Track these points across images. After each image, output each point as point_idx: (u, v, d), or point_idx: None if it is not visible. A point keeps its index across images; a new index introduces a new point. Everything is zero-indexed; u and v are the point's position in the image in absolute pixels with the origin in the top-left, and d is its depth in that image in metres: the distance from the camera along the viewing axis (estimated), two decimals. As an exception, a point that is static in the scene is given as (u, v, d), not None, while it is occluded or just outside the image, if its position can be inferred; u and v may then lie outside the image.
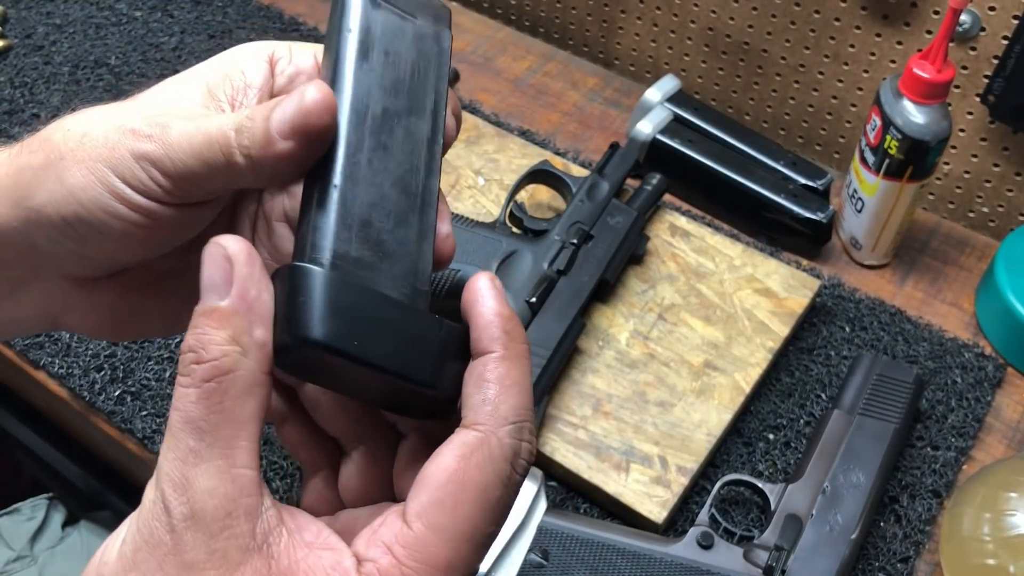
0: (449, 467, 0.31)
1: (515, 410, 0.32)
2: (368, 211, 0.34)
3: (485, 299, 0.34)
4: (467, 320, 0.34)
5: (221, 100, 0.36)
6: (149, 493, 0.31)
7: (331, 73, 0.35)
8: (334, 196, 0.33)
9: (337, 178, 0.33)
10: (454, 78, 0.89)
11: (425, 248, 0.35)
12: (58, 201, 0.35)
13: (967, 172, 0.83)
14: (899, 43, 0.81)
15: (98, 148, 0.34)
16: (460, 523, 0.31)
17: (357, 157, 0.34)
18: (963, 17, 0.75)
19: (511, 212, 0.76)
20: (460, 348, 0.34)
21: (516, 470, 0.32)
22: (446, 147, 0.38)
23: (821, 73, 0.87)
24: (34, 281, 0.38)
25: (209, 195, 0.36)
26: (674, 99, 0.87)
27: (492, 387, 0.32)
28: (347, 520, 0.35)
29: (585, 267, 0.72)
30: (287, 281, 0.32)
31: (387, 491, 0.36)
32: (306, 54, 0.38)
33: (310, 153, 0.33)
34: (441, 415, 0.35)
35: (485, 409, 0.32)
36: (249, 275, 0.31)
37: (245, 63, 0.37)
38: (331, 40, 0.35)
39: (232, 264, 0.31)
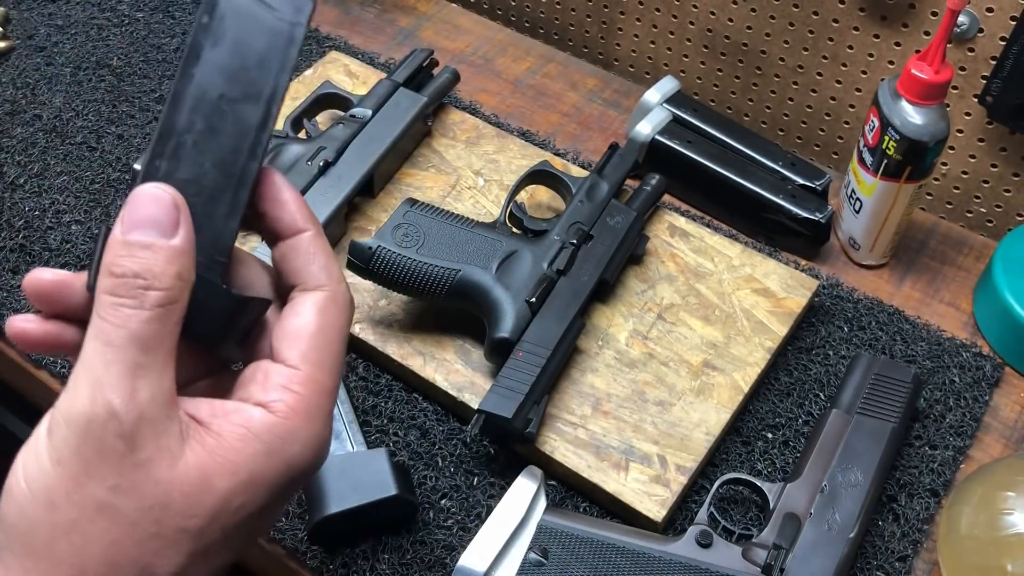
0: (314, 321, 0.40)
1: (341, 270, 0.42)
2: (184, 187, 0.38)
3: (286, 189, 0.41)
4: (271, 209, 0.41)
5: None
6: (85, 406, 0.34)
7: (185, 57, 0.39)
8: (157, 171, 0.38)
9: (161, 157, 0.38)
10: (453, 79, 0.90)
11: (231, 224, 0.40)
12: None
13: (965, 172, 0.84)
14: (897, 44, 0.81)
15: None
16: (334, 358, 0.40)
17: (184, 138, 0.39)
18: (961, 18, 0.75)
19: (511, 212, 0.76)
20: (245, 313, 0.40)
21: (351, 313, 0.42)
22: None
23: (820, 74, 0.87)
24: None
25: None
26: (673, 100, 0.87)
27: (320, 256, 0.41)
28: (220, 392, 0.41)
29: (585, 267, 0.72)
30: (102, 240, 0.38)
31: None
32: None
33: None
34: (230, 360, 0.43)
35: (323, 274, 0.41)
36: (189, 222, 0.37)
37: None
38: (193, 27, 0.39)
39: (180, 213, 0.37)
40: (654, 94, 0.87)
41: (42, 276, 0.39)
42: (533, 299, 0.69)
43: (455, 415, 0.71)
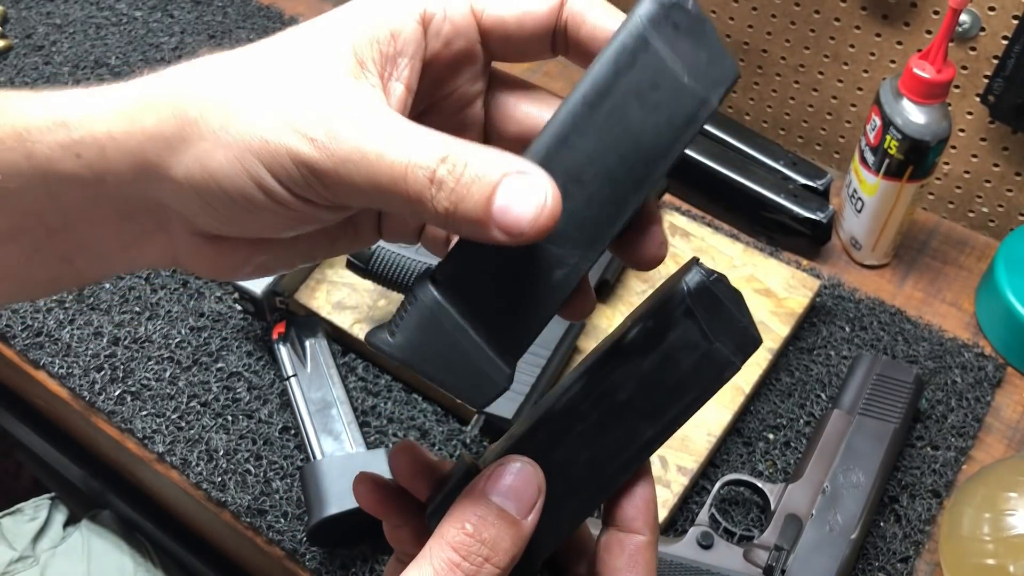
0: None
1: None
2: (551, 469, 0.36)
3: (645, 486, 0.39)
4: (620, 497, 0.38)
5: (371, 71, 0.33)
6: None
7: (607, 354, 0.36)
8: (534, 441, 0.37)
9: (547, 430, 0.37)
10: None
11: (572, 523, 0.38)
12: (196, 181, 0.32)
13: (967, 172, 0.83)
14: (899, 43, 0.81)
15: (249, 137, 0.31)
16: None
17: (575, 425, 0.36)
18: (963, 17, 0.75)
19: (511, 212, 0.76)
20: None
21: None
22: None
23: (821, 73, 0.87)
24: (158, 232, 0.36)
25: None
26: (674, 99, 0.87)
27: (642, 570, 0.38)
28: None
29: (585, 267, 0.72)
30: None
31: None
32: (461, 11, 0.35)
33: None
34: None
35: None
36: (541, 509, 0.36)
37: (394, 23, 0.33)
38: (627, 328, 0.36)
39: (539, 498, 0.36)
40: (655, 93, 0.87)
41: (405, 453, 0.40)
42: (533, 299, 0.69)
43: (455, 415, 0.70)
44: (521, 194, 0.30)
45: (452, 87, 0.37)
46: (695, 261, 0.36)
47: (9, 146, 0.34)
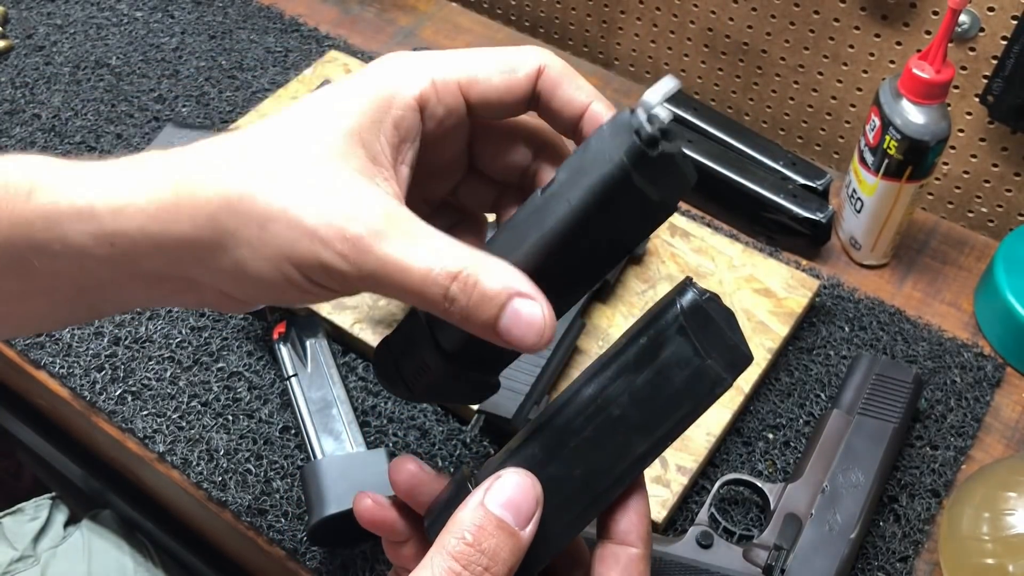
0: None
1: None
2: (547, 483, 0.37)
3: (639, 501, 0.39)
4: (616, 508, 0.39)
5: (383, 165, 0.37)
6: None
7: (604, 361, 0.38)
8: (533, 458, 0.38)
9: (543, 446, 0.38)
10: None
11: (566, 537, 0.39)
12: (231, 275, 0.36)
13: (966, 172, 0.83)
14: (898, 43, 0.81)
15: (283, 249, 0.35)
16: None
17: (569, 439, 0.38)
18: (962, 17, 0.75)
19: (511, 212, 0.76)
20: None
21: None
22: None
23: (820, 73, 0.87)
24: (191, 292, 0.39)
25: None
26: (673, 99, 0.87)
27: None
28: None
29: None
30: None
31: None
32: (452, 89, 0.38)
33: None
34: None
35: None
36: (538, 521, 0.37)
37: (397, 114, 0.37)
38: (629, 343, 0.37)
39: (537, 510, 0.37)
40: (654, 94, 0.87)
41: (405, 467, 0.41)
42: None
43: (455, 415, 0.71)
44: (523, 318, 0.35)
45: (441, 150, 0.41)
46: (689, 281, 0.37)
47: (40, 227, 0.36)
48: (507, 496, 0.36)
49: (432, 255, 0.34)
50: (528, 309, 0.35)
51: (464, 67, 0.39)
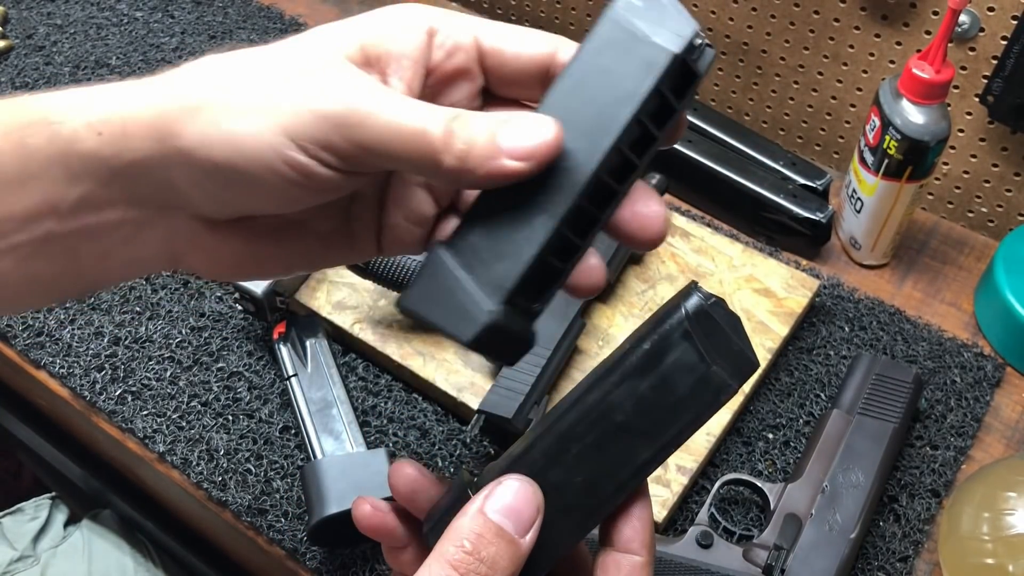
0: None
1: None
2: (548, 490, 0.37)
3: (641, 508, 0.38)
4: (618, 517, 0.38)
5: (375, 69, 0.36)
6: None
7: (608, 368, 0.36)
8: (535, 463, 0.37)
9: (544, 451, 0.37)
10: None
11: (567, 544, 0.38)
12: (212, 145, 0.35)
13: (966, 172, 0.83)
14: (898, 43, 0.81)
15: (270, 102, 0.35)
16: None
17: (570, 445, 0.37)
18: (962, 18, 0.75)
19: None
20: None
21: None
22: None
23: (820, 73, 0.87)
24: (161, 220, 0.38)
25: (382, 171, 0.38)
26: (674, 99, 0.87)
27: None
28: None
29: (585, 267, 0.72)
30: None
31: None
32: (465, 32, 0.38)
33: (535, 172, 0.35)
34: None
35: None
36: (539, 528, 0.36)
37: (402, 27, 0.37)
38: (632, 349, 0.36)
39: (537, 517, 0.36)
40: (654, 94, 0.87)
41: (404, 471, 0.41)
42: (533, 299, 0.69)
43: (455, 415, 0.71)
44: (525, 124, 0.34)
45: (450, 101, 0.39)
46: (694, 285, 0.37)
47: (35, 130, 0.36)
48: (507, 503, 0.36)
49: (427, 106, 0.34)
50: (527, 118, 0.34)
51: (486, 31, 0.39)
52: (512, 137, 0.34)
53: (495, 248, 0.36)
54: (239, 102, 0.35)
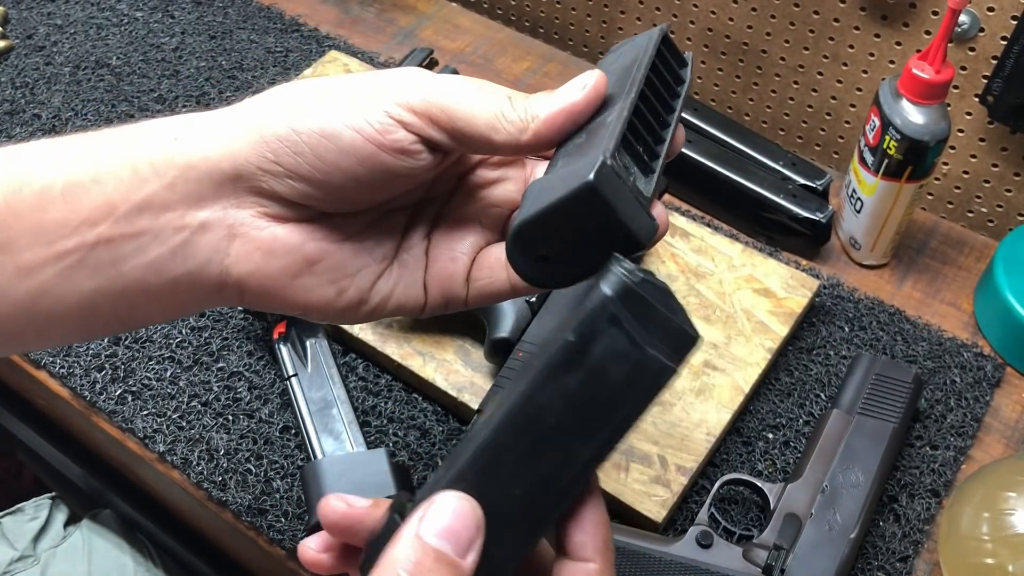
0: None
1: None
2: (486, 505, 0.34)
3: (594, 511, 0.36)
4: (568, 522, 0.36)
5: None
6: None
7: (536, 371, 0.33)
8: (464, 478, 0.34)
9: (475, 466, 0.34)
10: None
11: (512, 560, 0.35)
12: (317, 117, 0.39)
13: (966, 172, 0.83)
14: (898, 43, 0.81)
15: (359, 93, 0.39)
16: None
17: (504, 456, 0.34)
18: (962, 18, 0.75)
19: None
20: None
21: None
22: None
23: (820, 73, 0.87)
24: (217, 223, 0.39)
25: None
26: (674, 99, 0.87)
27: None
28: None
29: (585, 267, 0.72)
30: None
31: None
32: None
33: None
34: None
35: None
36: (480, 547, 0.34)
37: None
38: (554, 342, 0.33)
39: (478, 535, 0.34)
40: (654, 94, 0.87)
41: (333, 508, 0.38)
42: (533, 299, 0.69)
43: (455, 415, 0.71)
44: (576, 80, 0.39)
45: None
46: (614, 259, 0.32)
47: (112, 138, 0.40)
48: (444, 524, 0.33)
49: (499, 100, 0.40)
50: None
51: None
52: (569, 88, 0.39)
53: (578, 154, 0.36)
54: (343, 95, 0.39)
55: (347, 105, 0.39)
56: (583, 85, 0.39)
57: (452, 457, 0.35)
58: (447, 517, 0.33)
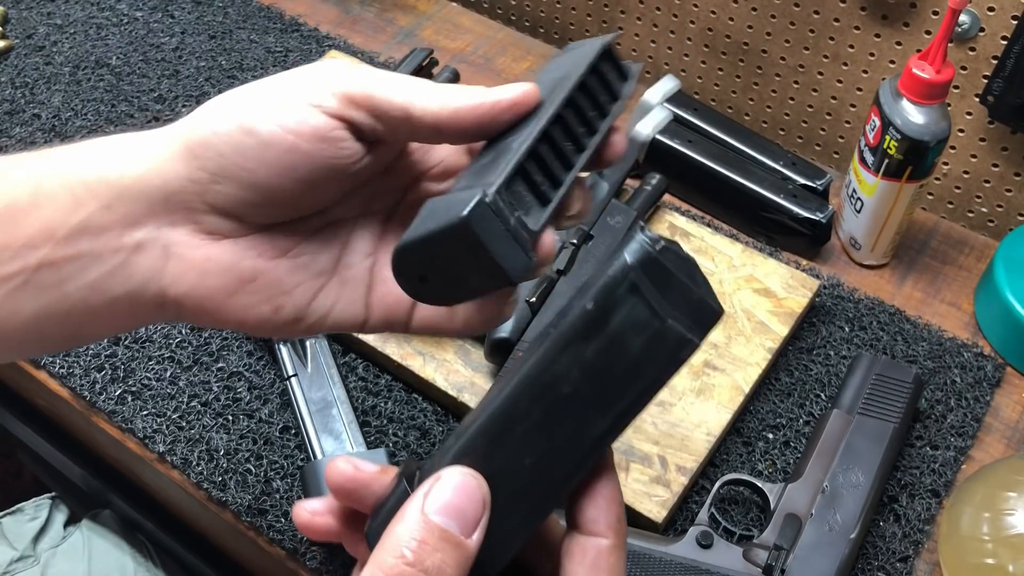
0: None
1: None
2: (493, 477, 0.34)
3: (607, 486, 0.35)
4: (581, 498, 0.35)
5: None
6: None
7: (551, 339, 0.32)
8: (475, 450, 0.34)
9: (486, 437, 0.34)
10: (453, 79, 0.89)
11: (519, 536, 0.35)
12: (245, 117, 0.39)
13: (966, 172, 0.83)
14: (898, 43, 0.81)
15: (290, 89, 0.40)
16: None
17: (515, 426, 0.33)
18: (962, 17, 0.75)
19: (511, 212, 0.76)
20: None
21: None
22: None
23: (820, 73, 0.87)
24: (153, 242, 0.40)
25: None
26: (674, 99, 0.87)
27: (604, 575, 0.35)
28: None
29: (585, 267, 0.72)
30: None
31: None
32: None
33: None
34: None
35: None
36: (487, 524, 0.33)
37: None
38: (571, 310, 0.32)
39: (484, 512, 0.33)
40: (654, 93, 0.87)
41: (341, 470, 0.38)
42: (533, 299, 0.69)
43: (455, 415, 0.71)
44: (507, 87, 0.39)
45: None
46: (639, 227, 0.32)
47: (50, 165, 0.40)
48: (449, 501, 0.33)
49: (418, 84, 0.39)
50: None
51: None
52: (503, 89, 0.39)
53: (480, 174, 0.37)
54: (263, 94, 0.39)
55: (267, 98, 0.39)
56: (514, 90, 0.38)
57: (463, 425, 0.35)
58: (452, 494, 0.33)
